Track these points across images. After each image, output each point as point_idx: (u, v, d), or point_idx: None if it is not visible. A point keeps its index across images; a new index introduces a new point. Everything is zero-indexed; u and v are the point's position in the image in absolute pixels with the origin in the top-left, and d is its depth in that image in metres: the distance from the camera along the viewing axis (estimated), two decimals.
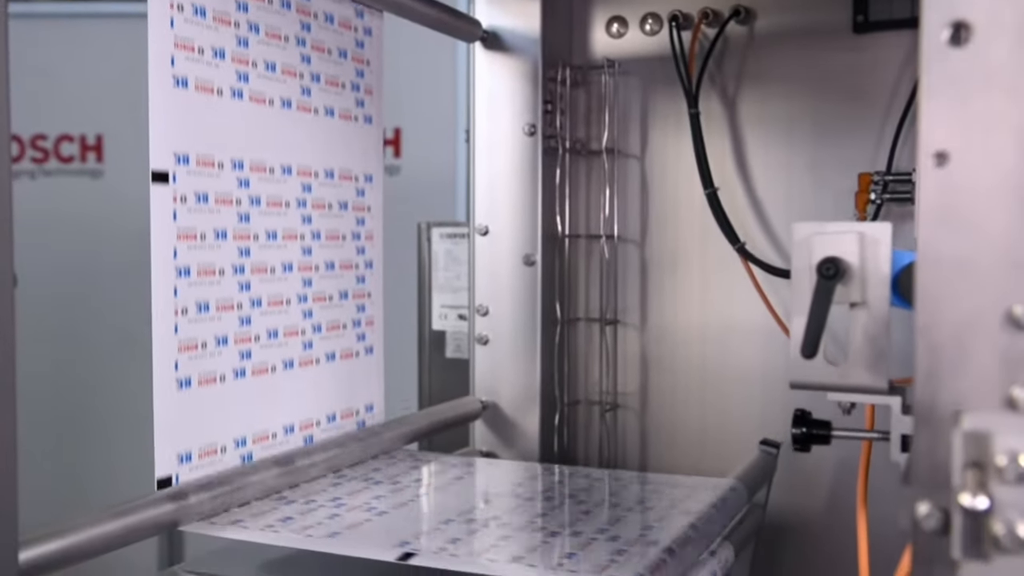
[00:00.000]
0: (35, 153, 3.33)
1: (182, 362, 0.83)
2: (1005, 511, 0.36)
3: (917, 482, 0.40)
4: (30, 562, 0.65)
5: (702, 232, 1.21)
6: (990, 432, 0.36)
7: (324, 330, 1.01)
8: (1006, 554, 0.36)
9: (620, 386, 1.26)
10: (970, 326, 0.39)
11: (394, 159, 2.98)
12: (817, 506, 1.17)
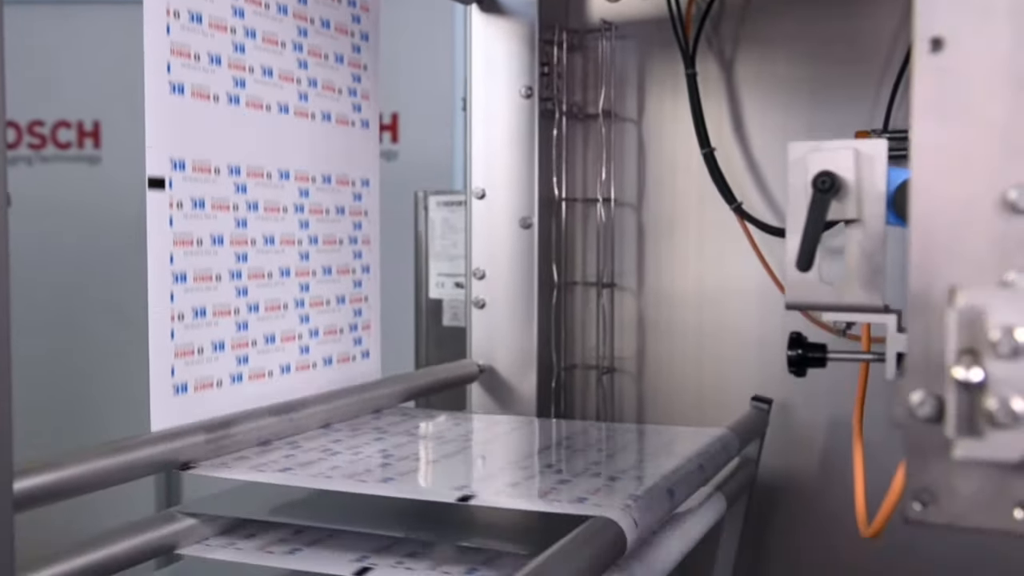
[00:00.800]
0: (32, 139, 3.32)
1: (178, 368, 0.83)
2: (999, 386, 0.36)
3: (911, 372, 0.40)
4: (25, 491, 0.65)
5: (699, 196, 1.21)
6: (984, 307, 0.36)
7: (321, 335, 1.02)
8: (1000, 429, 0.36)
9: (617, 350, 1.26)
10: (964, 212, 0.39)
11: (392, 144, 2.98)
12: (810, 467, 1.17)
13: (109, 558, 0.71)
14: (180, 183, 0.83)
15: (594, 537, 0.62)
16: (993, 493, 0.39)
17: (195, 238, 0.85)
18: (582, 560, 0.58)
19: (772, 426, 1.12)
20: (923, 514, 0.40)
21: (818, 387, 1.15)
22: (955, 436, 0.37)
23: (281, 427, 0.89)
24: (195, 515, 0.78)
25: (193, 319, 0.84)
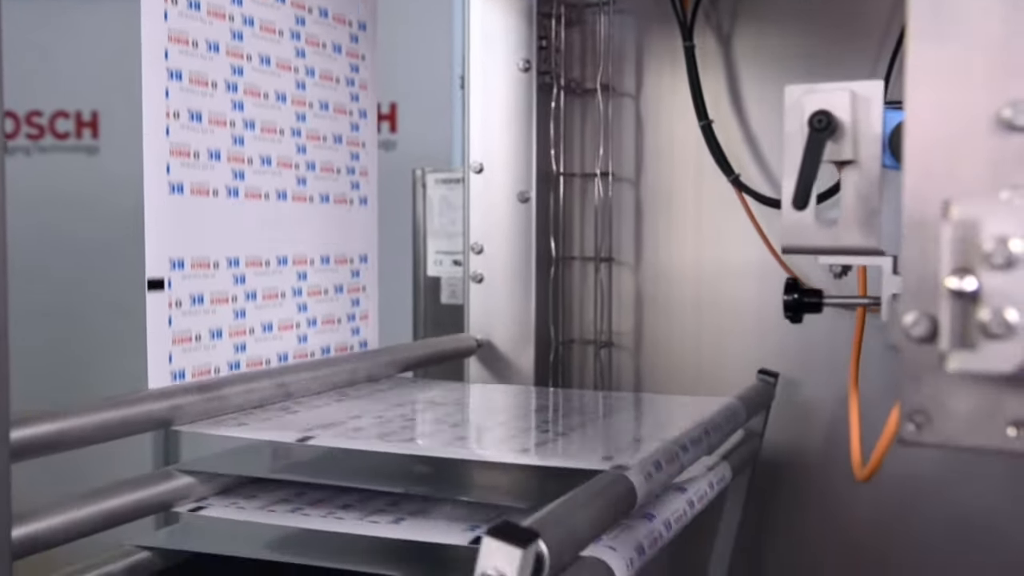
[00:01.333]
0: (30, 130, 3.32)
1: (176, 354, 0.83)
2: (992, 297, 0.36)
3: (906, 294, 0.40)
4: (22, 440, 0.65)
5: (697, 170, 1.21)
6: (979, 218, 0.36)
7: (319, 324, 1.02)
8: (994, 340, 0.36)
9: (615, 325, 1.26)
10: (959, 131, 0.39)
11: (390, 134, 2.98)
12: (815, 443, 1.17)
13: (105, 512, 0.71)
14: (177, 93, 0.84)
15: (606, 489, 0.62)
16: (986, 412, 0.39)
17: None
18: (594, 509, 0.58)
19: (777, 403, 1.13)
20: (917, 435, 0.40)
21: (818, 363, 1.16)
22: (949, 349, 0.37)
23: (274, 391, 0.89)
24: (193, 472, 0.78)
25: (191, 306, 0.85)
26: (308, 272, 1.00)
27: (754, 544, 1.19)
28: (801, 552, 1.18)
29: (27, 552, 0.65)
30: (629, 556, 0.66)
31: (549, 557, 0.50)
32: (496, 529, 0.47)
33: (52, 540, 0.67)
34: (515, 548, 0.47)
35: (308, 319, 1.01)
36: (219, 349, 0.88)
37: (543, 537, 0.50)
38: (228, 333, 0.90)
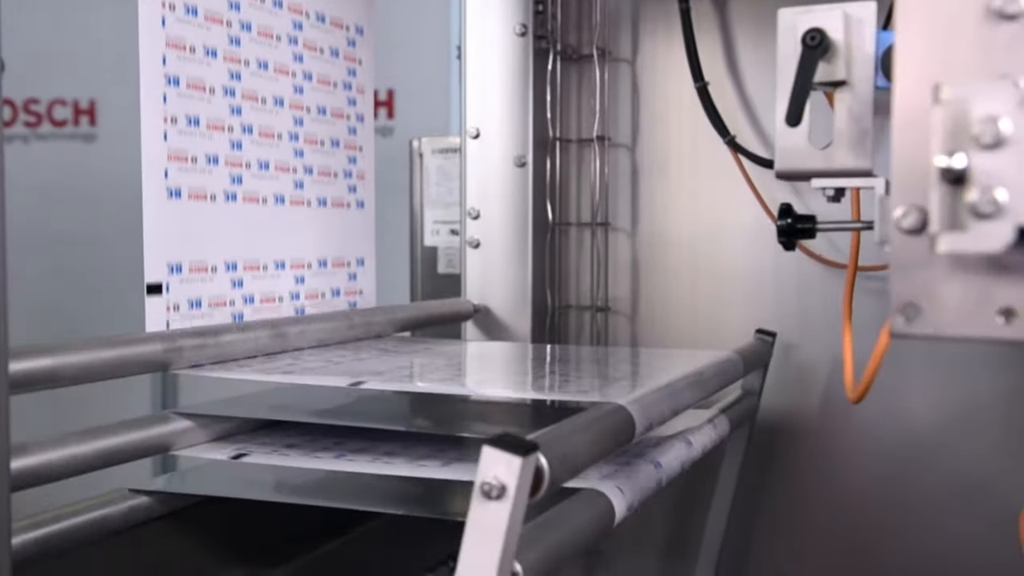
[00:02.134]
0: (28, 117, 3.32)
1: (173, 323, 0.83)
2: (982, 177, 0.36)
3: (896, 189, 0.41)
4: (20, 373, 0.65)
5: (692, 135, 1.22)
6: (969, 98, 0.36)
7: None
8: (983, 220, 0.36)
9: (611, 290, 1.26)
10: (951, 21, 0.39)
11: (388, 120, 2.98)
12: (811, 406, 1.17)
13: (103, 450, 0.71)
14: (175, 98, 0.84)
15: (604, 417, 0.63)
16: (976, 301, 0.40)
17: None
18: (593, 434, 0.59)
19: (774, 367, 1.13)
20: (909, 327, 0.41)
21: (814, 325, 1.16)
22: (939, 231, 0.38)
23: (272, 342, 0.89)
24: (190, 415, 0.78)
25: (189, 310, 0.86)
26: (306, 276, 1.01)
27: (751, 505, 1.19)
28: (797, 513, 1.18)
29: (26, 484, 0.66)
30: (629, 493, 0.66)
31: (549, 472, 0.50)
32: (496, 439, 0.48)
33: (50, 474, 0.68)
34: (515, 457, 0.47)
35: (300, 306, 1.01)
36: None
37: (543, 452, 0.50)
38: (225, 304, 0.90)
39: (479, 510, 0.47)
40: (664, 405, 0.69)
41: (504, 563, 0.48)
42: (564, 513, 0.60)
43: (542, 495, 0.50)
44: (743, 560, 1.21)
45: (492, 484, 0.47)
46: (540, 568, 0.53)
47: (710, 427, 0.88)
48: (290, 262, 0.99)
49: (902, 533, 1.13)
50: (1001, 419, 1.08)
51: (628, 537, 1.27)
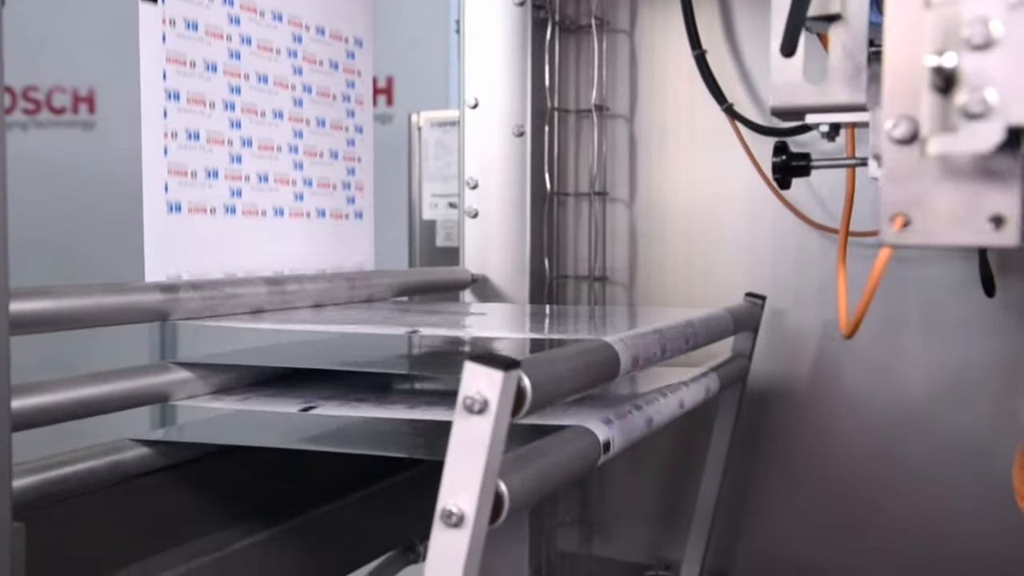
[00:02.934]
0: (27, 105, 3.32)
1: None
2: (972, 78, 0.37)
3: (887, 100, 0.41)
4: (20, 314, 0.65)
5: (690, 105, 1.22)
6: (960, 0, 0.37)
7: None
8: (973, 120, 0.37)
9: (609, 260, 1.27)
10: None
11: (387, 107, 2.98)
12: (806, 372, 1.18)
13: (103, 395, 0.72)
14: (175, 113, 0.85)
15: (590, 350, 0.63)
16: (966, 209, 0.40)
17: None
18: (577, 363, 0.60)
19: (765, 333, 1.14)
20: (899, 236, 0.41)
21: (811, 293, 1.17)
22: (929, 134, 0.38)
23: (271, 298, 0.89)
24: (190, 365, 0.79)
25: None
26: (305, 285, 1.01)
27: (744, 471, 1.20)
28: (791, 480, 1.19)
29: (26, 425, 0.66)
30: (615, 432, 0.67)
31: (531, 391, 0.51)
32: (478, 356, 0.48)
33: (48, 416, 0.68)
34: (496, 371, 0.48)
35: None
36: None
37: (526, 373, 0.51)
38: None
39: (462, 424, 0.48)
40: (650, 347, 0.70)
41: (488, 478, 0.49)
42: (551, 444, 0.61)
43: (524, 413, 0.51)
44: (736, 526, 1.21)
45: (474, 398, 0.48)
46: (525, 491, 0.54)
47: (699, 383, 0.89)
48: (289, 272, 0.99)
49: (895, 498, 1.13)
50: (993, 385, 1.09)
51: (624, 506, 1.28)
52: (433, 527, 0.49)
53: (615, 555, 1.29)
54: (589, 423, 0.65)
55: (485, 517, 0.50)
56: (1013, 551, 1.08)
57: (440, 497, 0.49)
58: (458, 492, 0.48)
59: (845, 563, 1.15)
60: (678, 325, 0.79)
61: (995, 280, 1.05)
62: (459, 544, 0.49)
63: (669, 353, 0.75)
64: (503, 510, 0.51)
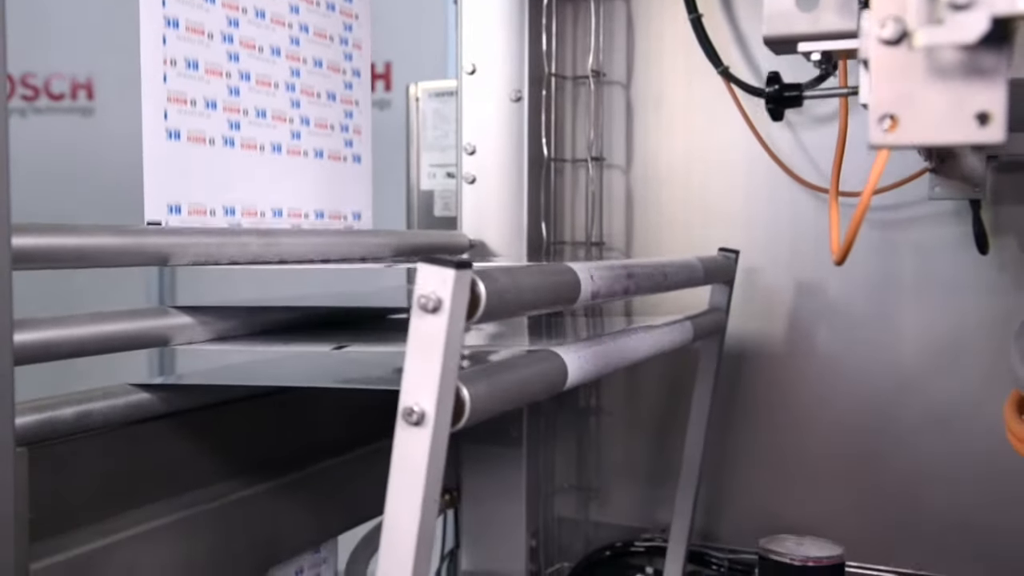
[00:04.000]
0: (25, 91, 3.32)
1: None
2: None
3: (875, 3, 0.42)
4: (22, 248, 0.66)
5: (686, 72, 1.23)
6: None
7: None
8: (959, 11, 0.38)
9: (605, 226, 1.28)
10: None
11: (385, 93, 2.98)
12: (793, 332, 1.19)
13: (103, 335, 0.73)
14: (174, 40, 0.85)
15: (551, 272, 0.65)
16: (952, 107, 0.41)
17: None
18: (536, 280, 0.61)
19: (741, 293, 1.15)
20: (886, 138, 0.42)
21: (808, 257, 1.18)
22: (916, 27, 0.39)
23: (266, 250, 0.90)
24: (188, 309, 0.79)
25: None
26: (303, 225, 1.02)
27: (730, 434, 1.21)
28: (778, 440, 1.19)
29: (27, 360, 0.67)
30: (583, 359, 0.68)
31: (485, 296, 0.52)
32: (429, 258, 0.49)
33: (49, 352, 0.69)
34: (448, 270, 0.49)
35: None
36: None
37: (481, 280, 0.52)
38: None
39: (418, 324, 0.49)
40: (614, 280, 0.71)
41: (446, 378, 0.50)
42: (518, 362, 0.63)
43: (479, 316, 0.52)
44: (722, 487, 1.22)
45: (428, 297, 0.49)
46: (487, 398, 0.54)
47: (673, 327, 0.90)
48: (287, 211, 1.00)
49: (880, 453, 1.15)
50: (986, 344, 1.10)
51: (619, 471, 1.29)
52: (396, 426, 0.50)
53: (611, 519, 1.30)
54: (558, 349, 0.66)
55: (446, 417, 0.51)
56: (999, 509, 1.09)
57: (401, 396, 0.50)
58: (418, 391, 0.50)
59: (829, 520, 1.16)
60: (646, 263, 0.80)
61: (988, 238, 1.06)
62: (421, 442, 0.50)
63: (634, 289, 0.75)
64: (464, 412, 0.52)
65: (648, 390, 1.27)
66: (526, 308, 0.59)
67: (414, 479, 0.50)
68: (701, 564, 1.21)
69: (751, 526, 1.18)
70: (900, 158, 1.06)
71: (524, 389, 0.61)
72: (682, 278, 0.89)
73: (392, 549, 0.51)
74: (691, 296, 1.10)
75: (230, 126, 0.90)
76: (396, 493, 0.51)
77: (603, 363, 0.70)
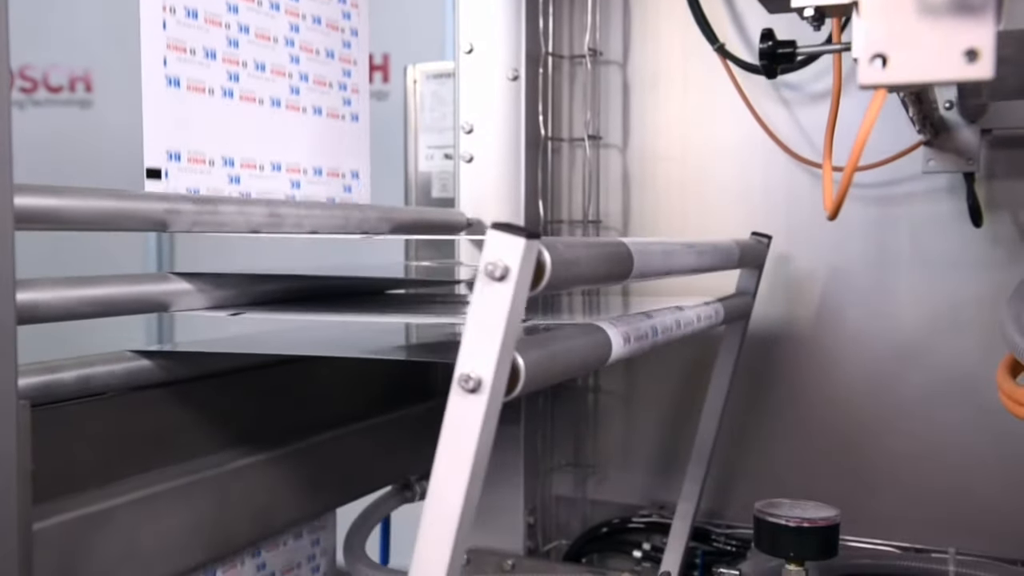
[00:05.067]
0: (24, 83, 3.32)
1: None
2: None
3: None
4: (24, 208, 0.66)
5: (683, 51, 1.24)
6: None
7: None
8: None
9: (602, 205, 1.28)
10: None
11: (383, 85, 2.99)
12: (794, 310, 1.19)
13: (102, 298, 0.73)
14: None
15: (606, 246, 0.66)
16: (941, 45, 0.42)
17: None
18: (594, 254, 0.62)
19: (774, 278, 1.16)
20: (877, 76, 0.43)
21: (803, 236, 1.18)
22: None
23: (266, 220, 0.90)
24: (188, 276, 0.80)
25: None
26: (301, 181, 1.02)
27: (741, 414, 1.21)
28: (786, 419, 1.20)
29: (29, 320, 0.68)
30: (625, 334, 0.69)
31: (550, 267, 0.52)
32: (499, 224, 0.49)
33: (50, 313, 0.69)
34: (519, 238, 0.49)
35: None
36: None
37: (548, 251, 0.52)
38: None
39: (483, 291, 0.49)
40: (659, 256, 0.72)
41: (505, 347, 0.50)
42: (567, 333, 0.63)
43: (543, 286, 0.52)
44: (731, 467, 1.23)
45: (496, 264, 0.49)
46: (540, 367, 0.55)
47: (704, 308, 0.91)
48: (286, 165, 1.00)
49: (879, 430, 1.15)
50: (983, 318, 1.10)
51: (617, 450, 1.30)
52: (451, 392, 0.50)
53: (609, 497, 1.30)
54: (601, 323, 0.67)
55: (502, 385, 0.51)
56: (1006, 476, 1.10)
57: (458, 363, 0.50)
58: (476, 358, 0.49)
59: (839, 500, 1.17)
60: (687, 242, 0.81)
61: (982, 211, 1.07)
62: (476, 409, 0.50)
63: (677, 268, 0.76)
64: (519, 382, 0.52)
65: (647, 370, 1.28)
66: (585, 281, 0.59)
67: (466, 446, 0.50)
68: (700, 540, 1.21)
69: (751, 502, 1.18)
70: (894, 132, 1.07)
71: (574, 361, 0.62)
72: (720, 260, 0.90)
73: (436, 514, 0.50)
74: (699, 283, 1.10)
75: (229, 77, 0.91)
76: (446, 459, 0.50)
77: (642, 340, 0.71)
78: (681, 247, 0.80)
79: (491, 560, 1.25)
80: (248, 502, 0.88)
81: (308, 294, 0.95)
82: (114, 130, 2.64)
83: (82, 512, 0.71)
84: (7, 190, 0.61)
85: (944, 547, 1.07)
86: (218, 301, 0.83)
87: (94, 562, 0.71)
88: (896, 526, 1.14)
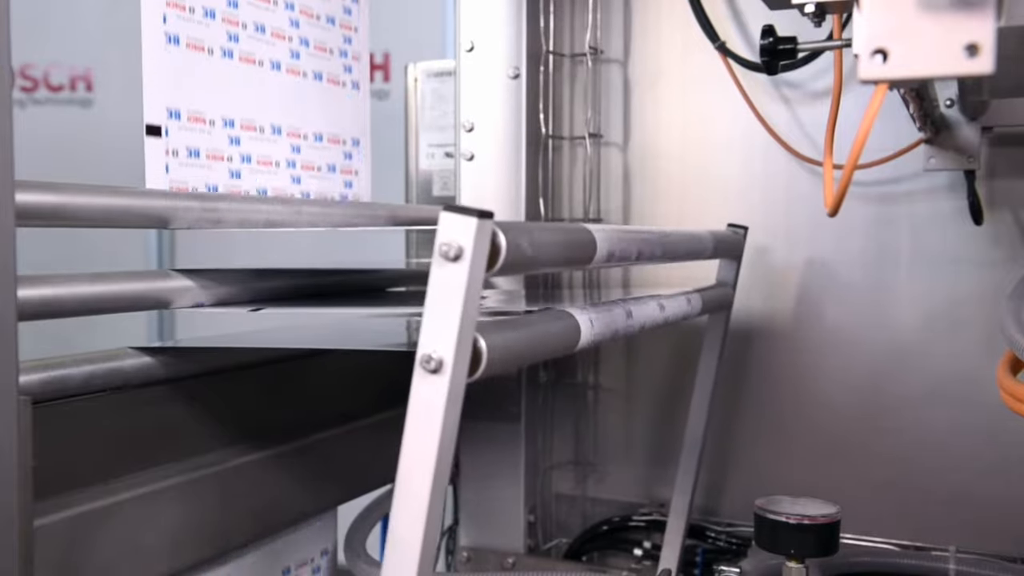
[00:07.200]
0: (24, 82, 3.32)
1: None
2: None
3: None
4: (25, 205, 0.67)
5: (683, 50, 1.24)
6: None
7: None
8: None
9: (603, 203, 1.28)
10: None
11: (384, 84, 2.98)
12: (789, 307, 1.20)
13: (104, 295, 0.73)
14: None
15: (569, 231, 0.66)
16: (941, 40, 0.42)
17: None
18: (554, 237, 0.62)
19: (752, 273, 1.16)
20: (881, 70, 0.43)
21: (803, 234, 1.19)
22: None
23: (270, 216, 0.91)
24: (189, 272, 0.80)
25: (188, 158, 0.87)
26: (302, 146, 1.02)
27: (731, 410, 1.21)
28: (779, 416, 1.20)
29: (30, 316, 0.68)
30: (595, 321, 0.69)
31: (505, 247, 0.52)
32: (451, 206, 0.50)
33: (51, 310, 0.70)
34: (471, 218, 0.49)
35: (302, 192, 1.03)
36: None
37: (503, 232, 0.52)
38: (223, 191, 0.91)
39: (439, 272, 0.50)
40: (627, 242, 0.71)
41: (465, 327, 0.50)
42: (534, 319, 0.63)
43: (499, 267, 0.52)
44: (724, 463, 1.23)
45: (450, 245, 0.49)
46: (503, 350, 0.55)
47: (681, 298, 0.91)
48: (286, 129, 1.00)
49: (879, 427, 1.15)
50: (981, 317, 1.10)
51: (617, 448, 1.30)
52: (414, 374, 0.50)
53: (609, 495, 1.30)
54: (571, 310, 0.67)
55: (464, 366, 0.51)
56: (1007, 473, 1.10)
57: (419, 344, 0.50)
58: (436, 339, 0.50)
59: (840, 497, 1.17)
60: (658, 230, 0.81)
61: (983, 209, 1.07)
62: (438, 390, 0.50)
63: (647, 254, 0.76)
64: (481, 363, 0.53)
65: (646, 367, 1.28)
66: (544, 264, 0.59)
67: (430, 427, 0.50)
68: (699, 538, 1.21)
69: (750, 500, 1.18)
70: (895, 130, 1.07)
71: (539, 345, 0.62)
72: (691, 249, 0.90)
73: (406, 497, 0.51)
74: (691, 278, 1.11)
75: (229, 37, 0.91)
76: (412, 441, 0.51)
77: (615, 327, 0.71)
78: (649, 234, 0.80)
79: (491, 558, 1.25)
80: (249, 499, 0.89)
81: (309, 291, 0.95)
82: (115, 129, 2.64)
83: (83, 508, 0.71)
84: (8, 187, 0.61)
85: (944, 545, 1.07)
86: (221, 298, 0.83)
87: (95, 558, 0.71)
88: (896, 524, 1.14)
